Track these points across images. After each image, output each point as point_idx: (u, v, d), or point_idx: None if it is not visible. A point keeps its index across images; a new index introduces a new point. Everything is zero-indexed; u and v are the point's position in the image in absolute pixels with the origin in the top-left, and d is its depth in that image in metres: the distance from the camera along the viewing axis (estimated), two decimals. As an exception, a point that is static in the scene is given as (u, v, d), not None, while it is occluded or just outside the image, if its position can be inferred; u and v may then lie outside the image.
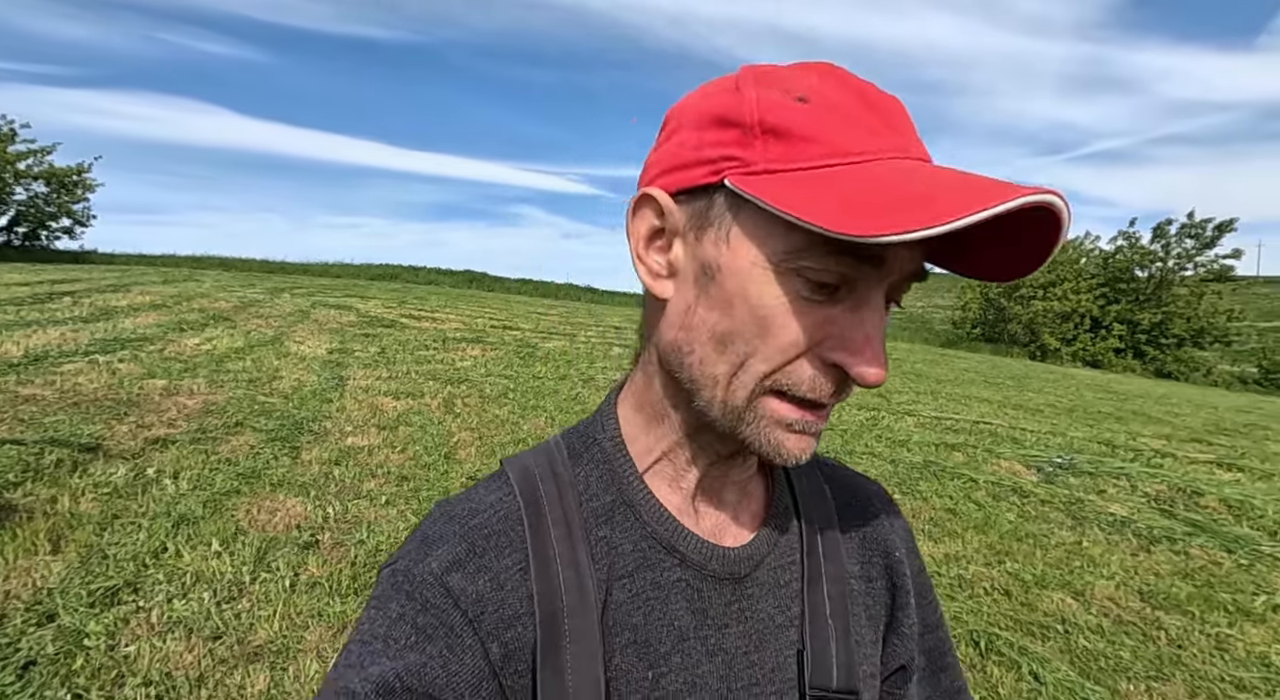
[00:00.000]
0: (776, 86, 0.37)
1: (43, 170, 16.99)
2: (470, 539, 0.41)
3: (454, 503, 0.44)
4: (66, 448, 3.44)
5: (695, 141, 0.39)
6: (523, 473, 0.45)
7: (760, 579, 0.46)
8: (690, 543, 0.44)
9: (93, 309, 7.58)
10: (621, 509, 0.44)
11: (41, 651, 1.92)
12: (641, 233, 0.42)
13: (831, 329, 0.37)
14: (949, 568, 3.31)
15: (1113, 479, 5.04)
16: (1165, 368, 21.53)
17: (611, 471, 0.45)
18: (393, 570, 0.41)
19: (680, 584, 0.43)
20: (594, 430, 0.47)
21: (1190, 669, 2.54)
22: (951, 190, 0.31)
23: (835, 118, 0.36)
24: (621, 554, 0.43)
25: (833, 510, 0.52)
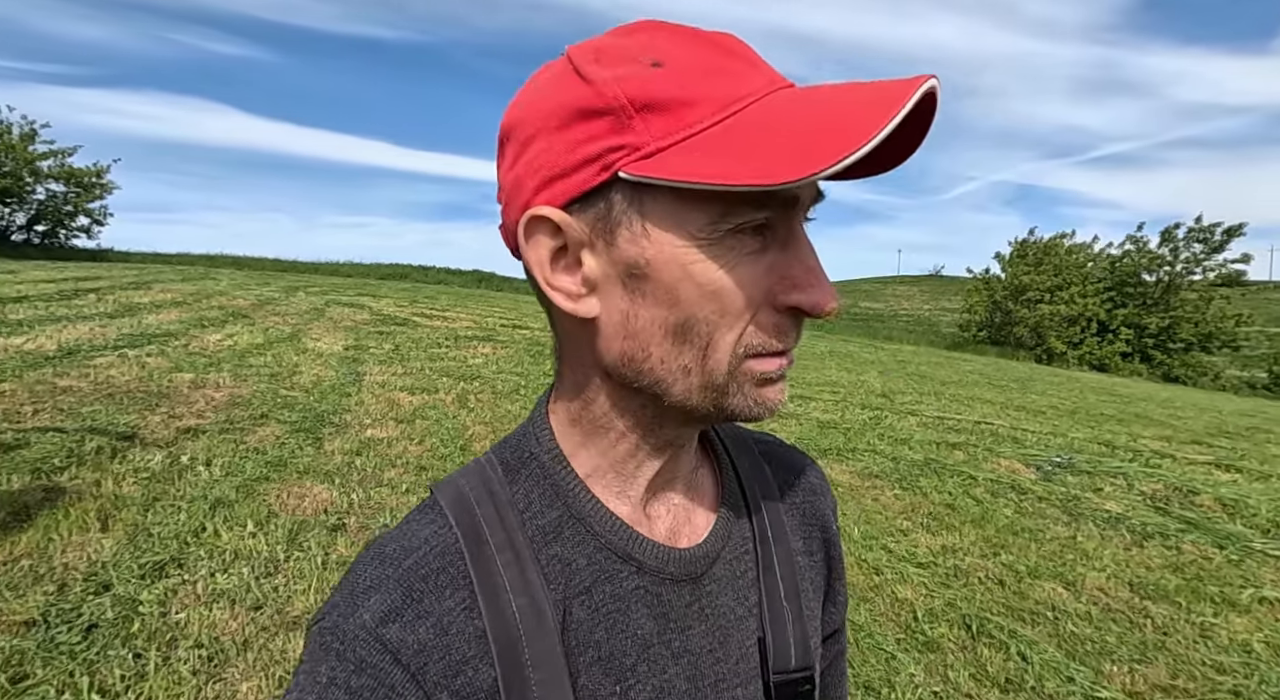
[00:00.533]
0: (622, 60, 0.35)
1: (61, 170, 17.30)
2: (406, 583, 0.38)
3: (384, 543, 0.41)
4: (105, 436, 3.62)
5: (563, 144, 0.36)
6: (456, 498, 0.42)
7: (717, 574, 0.45)
8: (646, 548, 0.43)
9: (117, 305, 7.80)
10: (570, 523, 0.42)
11: (102, 616, 2.10)
12: (543, 258, 0.38)
13: (775, 275, 0.37)
14: (945, 558, 3.45)
15: (1110, 478, 5.15)
16: (1172, 372, 21.49)
17: (554, 485, 0.43)
18: (320, 628, 0.38)
19: (639, 591, 0.42)
20: (528, 444, 0.45)
21: (1174, 653, 2.67)
22: (849, 109, 0.32)
23: (698, 72, 0.35)
24: (576, 569, 0.41)
25: (775, 490, 0.52)
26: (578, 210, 0.37)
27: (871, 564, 3.26)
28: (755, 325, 0.37)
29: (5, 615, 2.04)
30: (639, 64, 0.35)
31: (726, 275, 0.35)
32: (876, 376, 10.21)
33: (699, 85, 0.34)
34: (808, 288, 0.36)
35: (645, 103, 0.34)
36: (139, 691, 1.82)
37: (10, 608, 2.08)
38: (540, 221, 0.37)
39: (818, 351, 12.93)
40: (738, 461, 0.52)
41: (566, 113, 0.35)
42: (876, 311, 39.47)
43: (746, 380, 0.38)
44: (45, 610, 2.08)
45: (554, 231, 0.37)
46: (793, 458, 0.57)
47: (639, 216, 0.36)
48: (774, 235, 0.37)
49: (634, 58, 0.35)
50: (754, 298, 0.36)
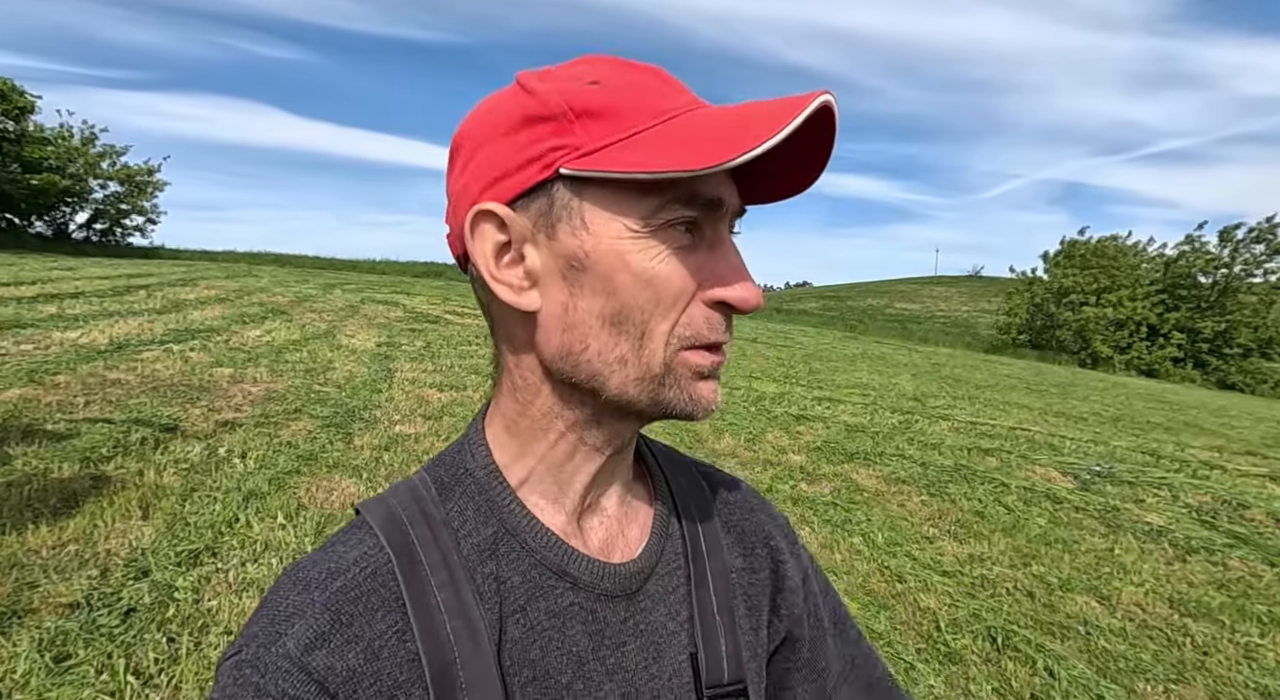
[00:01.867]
0: (565, 79, 0.39)
1: (117, 170, 18.13)
2: (334, 607, 0.37)
3: (306, 567, 0.39)
4: (149, 427, 3.79)
5: (509, 148, 0.38)
6: (387, 518, 0.41)
7: (650, 590, 0.46)
8: (581, 564, 0.43)
9: (165, 301, 8.14)
10: (505, 540, 0.42)
11: (140, 601, 2.19)
12: (488, 252, 0.39)
13: (704, 272, 0.39)
14: (972, 568, 3.36)
15: (1153, 489, 4.95)
16: (1228, 379, 20.51)
17: (489, 501, 0.43)
18: (236, 662, 0.35)
19: (574, 608, 0.42)
20: (463, 460, 0.44)
21: (1214, 674, 2.56)
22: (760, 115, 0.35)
23: (632, 90, 0.38)
24: (511, 587, 0.41)
25: (712, 506, 0.53)
26: (521, 206, 0.39)
27: (894, 571, 3.20)
28: (687, 316, 0.39)
29: (52, 598, 2.16)
30: (579, 82, 0.38)
31: (660, 265, 0.38)
32: (909, 379, 10.00)
33: (632, 99, 0.38)
34: (732, 284, 0.39)
35: (585, 110, 0.37)
36: (171, 675, 1.90)
37: (57, 590, 2.20)
38: (486, 216, 0.39)
39: (849, 354, 12.73)
40: (672, 479, 0.52)
41: (513, 121, 0.38)
42: (912, 313, 38.60)
43: (682, 373, 0.39)
44: (88, 594, 2.19)
45: (499, 226, 0.39)
46: (730, 480, 0.58)
47: (579, 210, 0.38)
48: (702, 236, 0.39)
49: (575, 77, 0.39)
50: (686, 289, 0.38)
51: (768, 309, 24.30)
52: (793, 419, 6.09)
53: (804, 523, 3.73)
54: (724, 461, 4.66)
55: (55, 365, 4.69)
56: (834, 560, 3.30)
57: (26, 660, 1.85)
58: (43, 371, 4.50)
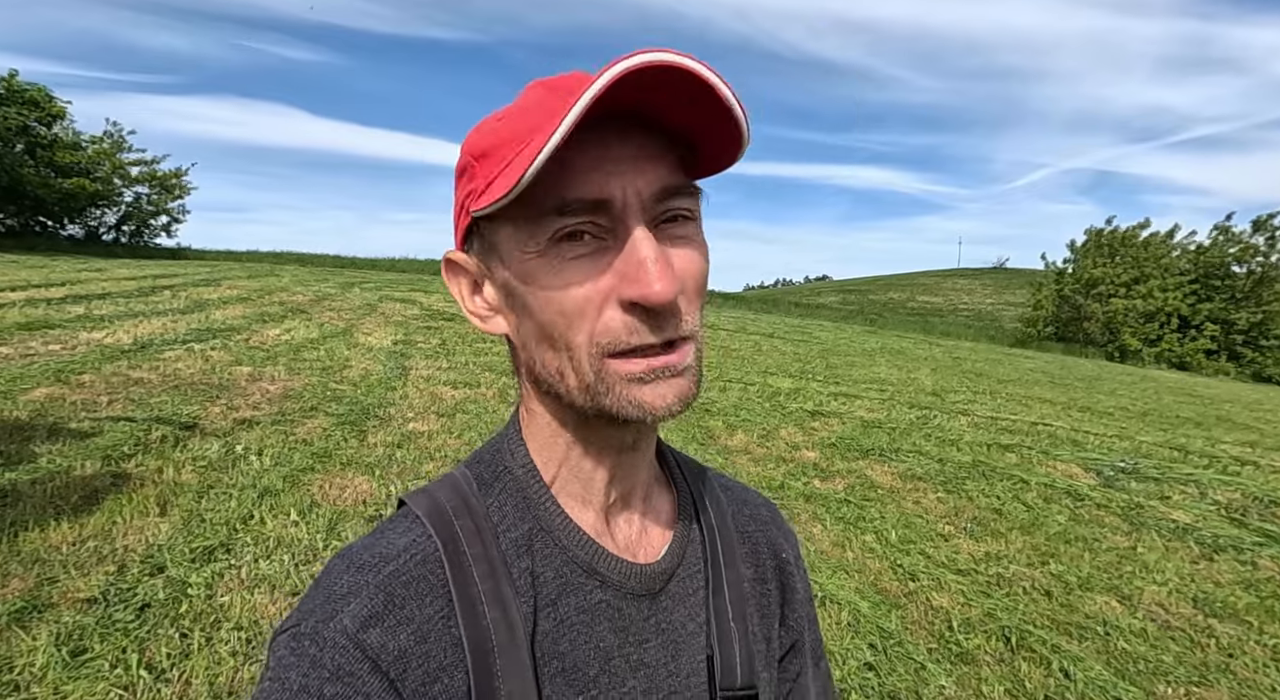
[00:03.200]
0: (485, 122, 0.42)
1: (146, 174, 18.55)
2: (388, 588, 0.39)
3: (358, 551, 0.41)
4: (169, 425, 3.87)
5: (456, 200, 0.44)
6: (434, 509, 0.43)
7: (673, 591, 0.48)
8: (610, 563, 0.45)
9: (188, 301, 8.31)
10: (540, 536, 0.44)
11: (154, 597, 2.24)
12: (461, 291, 0.46)
13: (613, 275, 0.38)
14: (988, 566, 3.30)
15: (1180, 485, 4.82)
16: (1265, 371, 19.88)
17: (526, 499, 0.45)
18: (294, 634, 0.37)
19: (603, 605, 0.44)
20: (502, 457, 0.47)
21: (1239, 677, 2.48)
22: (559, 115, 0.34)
23: (516, 117, 0.40)
24: (544, 582, 0.43)
25: (729, 517, 0.55)
26: (469, 249, 0.45)
27: (907, 569, 3.16)
28: (603, 322, 0.39)
29: (71, 593, 2.21)
30: (489, 120, 0.42)
31: (556, 280, 0.39)
32: (928, 374, 9.84)
33: (511, 127, 0.39)
34: (635, 280, 0.37)
35: (480, 152, 0.40)
36: (183, 670, 1.93)
37: (75, 586, 2.25)
38: (450, 262, 0.46)
39: (867, 348, 12.57)
40: (694, 487, 0.54)
41: (455, 174, 0.44)
42: (935, 306, 37.99)
43: (615, 380, 0.39)
44: (105, 589, 2.25)
45: (460, 269, 0.45)
46: (747, 494, 0.60)
47: (495, 245, 0.42)
48: (614, 237, 0.39)
49: (492, 117, 0.42)
50: (591, 297, 0.38)
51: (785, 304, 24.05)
52: (808, 415, 6.03)
53: (816, 520, 3.69)
54: (737, 458, 4.63)
55: (81, 365, 4.81)
56: (846, 558, 3.26)
57: (45, 654, 1.90)
58: (69, 371, 4.62)
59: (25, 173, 15.76)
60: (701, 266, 0.42)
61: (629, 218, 0.38)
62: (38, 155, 16.38)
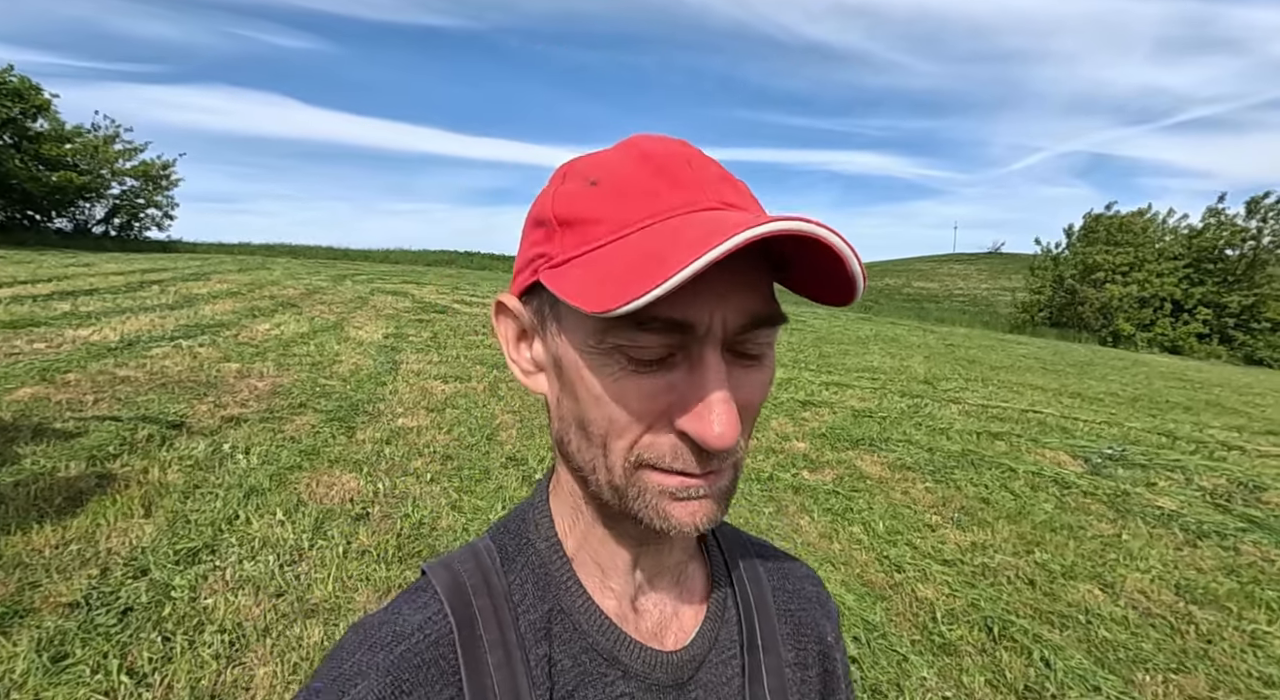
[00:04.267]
0: (579, 176, 0.39)
1: (134, 167, 18.37)
2: (396, 672, 0.38)
3: (374, 626, 0.40)
4: (156, 424, 3.85)
5: (525, 245, 0.41)
6: (452, 585, 0.42)
7: (703, 680, 0.45)
8: (632, 652, 0.43)
9: (177, 296, 8.25)
10: (560, 619, 0.42)
11: (137, 600, 2.24)
12: (510, 336, 0.43)
13: (673, 396, 0.36)
14: (973, 556, 3.32)
15: (1167, 472, 4.85)
16: (1256, 354, 19.98)
17: (547, 577, 0.43)
18: None
19: (625, 698, 0.42)
20: (526, 529, 0.45)
21: (1217, 663, 2.51)
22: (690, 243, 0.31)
23: (618, 193, 0.37)
24: (562, 671, 0.41)
25: (769, 596, 0.51)
26: (527, 302, 0.42)
27: (893, 561, 3.18)
28: (649, 439, 0.36)
29: (52, 597, 2.21)
30: (583, 181, 0.38)
31: (610, 387, 0.36)
32: (921, 362, 9.86)
33: (609, 205, 0.36)
34: (698, 418, 0.35)
35: (564, 218, 0.37)
36: (164, 674, 1.94)
37: (57, 590, 2.25)
38: (502, 306, 0.43)
39: (861, 336, 12.58)
40: (730, 562, 0.51)
41: (531, 220, 0.41)
42: (930, 292, 38.01)
43: (647, 489, 0.37)
44: (88, 593, 2.25)
45: (513, 316, 0.43)
46: (790, 566, 0.55)
47: (556, 316, 0.39)
48: (685, 357, 0.36)
49: (587, 175, 0.39)
50: (642, 413, 0.36)
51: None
52: (799, 405, 6.05)
53: (804, 512, 3.71)
54: (726, 450, 4.64)
55: (66, 363, 4.79)
56: (832, 550, 3.28)
57: (25, 660, 1.90)
58: (54, 370, 4.60)
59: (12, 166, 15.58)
60: (764, 394, 0.39)
61: (707, 344, 0.35)
62: (23, 148, 16.19)
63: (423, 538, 2.96)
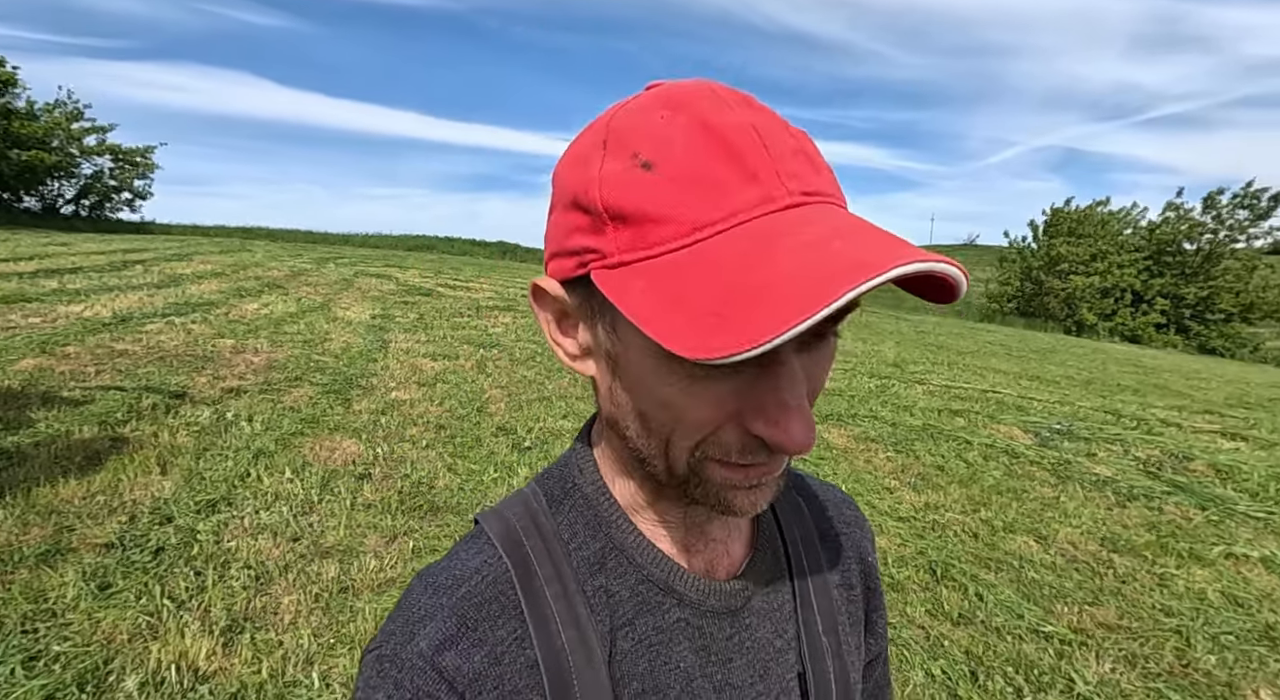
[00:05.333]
0: (626, 149, 0.34)
1: (107, 146, 18.02)
2: (460, 611, 0.40)
3: (435, 572, 0.42)
4: (159, 394, 4.03)
5: (563, 227, 0.37)
6: (504, 529, 0.44)
7: (756, 607, 0.46)
8: (686, 581, 0.44)
9: (162, 276, 8.30)
10: (613, 554, 0.43)
11: (167, 542, 2.47)
12: (550, 319, 0.41)
13: (746, 399, 0.34)
14: (926, 514, 3.67)
15: (1107, 444, 5.27)
16: (1210, 343, 20.90)
17: (597, 516, 0.44)
18: (378, 656, 0.39)
19: (681, 624, 0.43)
20: (572, 474, 0.46)
21: (1127, 598, 2.87)
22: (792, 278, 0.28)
23: (680, 182, 0.32)
24: (620, 601, 0.42)
25: (810, 523, 0.53)
26: (570, 288, 0.39)
27: (853, 517, 3.50)
28: (717, 437, 0.36)
29: (89, 539, 2.42)
30: (633, 161, 0.34)
31: (680, 393, 0.35)
32: (892, 346, 10.27)
33: (675, 199, 0.32)
34: (773, 423, 0.33)
35: (618, 212, 0.33)
36: (201, 601, 2.17)
37: (92, 533, 2.46)
38: (542, 290, 0.40)
39: (836, 321, 12.98)
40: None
41: (570, 196, 0.36)
42: (905, 282, 38.74)
43: (711, 480, 0.37)
44: (121, 535, 2.46)
45: (551, 300, 0.40)
46: (828, 492, 0.58)
47: (612, 313, 0.36)
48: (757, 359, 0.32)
49: (636, 150, 0.34)
50: (713, 417, 0.35)
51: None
52: (773, 384, 6.36)
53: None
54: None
55: (64, 337, 4.91)
56: (798, 508, 3.60)
57: (74, 587, 2.12)
58: (53, 343, 4.72)
59: (-21, 143, 15.22)
60: (828, 372, 0.38)
61: (785, 345, 0.33)
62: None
63: (422, 494, 3.20)
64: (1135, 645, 2.49)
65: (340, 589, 2.35)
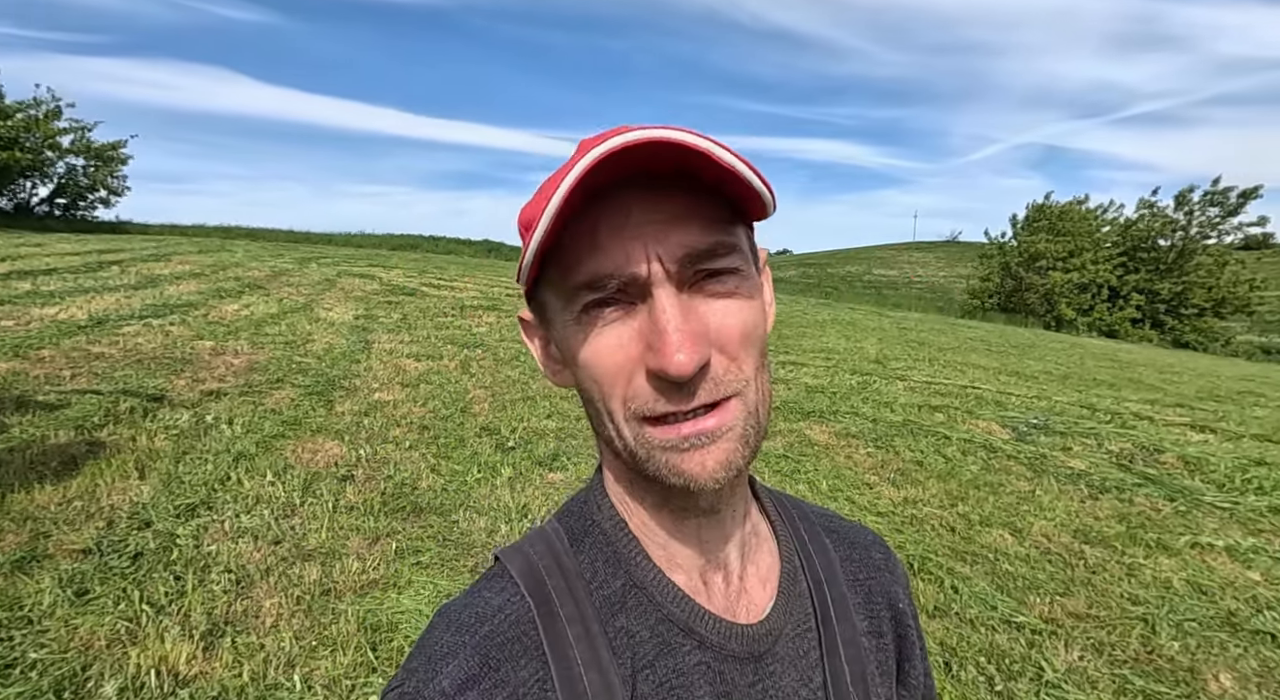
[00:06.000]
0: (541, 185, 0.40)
1: (80, 144, 17.65)
2: (483, 651, 0.40)
3: (457, 610, 0.43)
4: (137, 397, 3.98)
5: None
6: (526, 567, 0.44)
7: (780, 654, 0.45)
8: (707, 623, 0.43)
9: (139, 277, 8.17)
10: (634, 593, 0.43)
11: (145, 547, 2.45)
12: (536, 346, 0.47)
13: (642, 340, 0.37)
14: (904, 509, 3.73)
15: (1082, 438, 5.38)
16: (1183, 338, 21.36)
17: (616, 554, 0.44)
18: (399, 694, 0.39)
19: (701, 667, 0.42)
20: (590, 510, 0.47)
21: (1096, 588, 2.95)
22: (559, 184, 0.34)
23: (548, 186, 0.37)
24: (640, 642, 0.42)
25: (837, 566, 0.51)
26: (532, 307, 0.46)
27: (833, 512, 3.56)
28: (633, 388, 0.38)
29: (65, 545, 2.40)
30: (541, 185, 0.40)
31: (589, 347, 0.39)
32: (874, 343, 10.39)
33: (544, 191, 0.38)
34: (658, 350, 0.36)
35: (523, 223, 0.40)
36: (180, 605, 2.17)
37: (68, 539, 2.44)
38: (524, 320, 0.48)
39: (820, 320, 13.10)
40: (795, 534, 0.52)
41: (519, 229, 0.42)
42: (890, 279, 39.17)
43: (653, 448, 0.39)
44: (98, 541, 2.44)
45: (533, 326, 0.47)
46: (857, 534, 0.56)
47: (544, 307, 0.43)
48: (642, 301, 0.38)
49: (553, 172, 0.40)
50: (620, 363, 0.38)
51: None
52: (756, 381, 6.41)
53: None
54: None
55: (38, 340, 4.83)
56: (779, 504, 3.65)
57: (50, 594, 2.11)
58: (26, 346, 4.64)
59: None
60: (745, 318, 0.39)
61: (655, 286, 0.37)
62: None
63: (406, 496, 3.21)
64: (1103, 633, 2.57)
65: (323, 591, 2.36)
